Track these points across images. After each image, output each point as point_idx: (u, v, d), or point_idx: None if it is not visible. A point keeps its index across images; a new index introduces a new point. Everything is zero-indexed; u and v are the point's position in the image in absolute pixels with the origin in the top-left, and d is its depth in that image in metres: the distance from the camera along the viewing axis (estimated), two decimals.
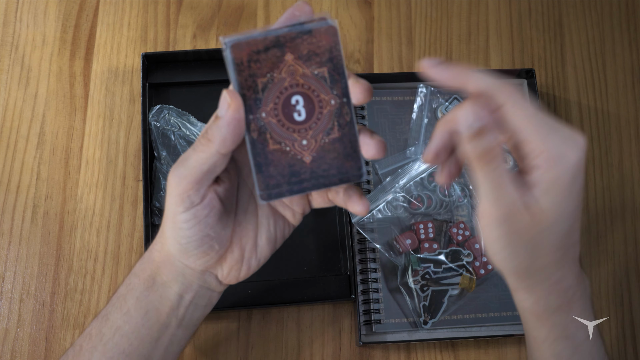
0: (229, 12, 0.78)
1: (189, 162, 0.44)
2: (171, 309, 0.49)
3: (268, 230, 0.50)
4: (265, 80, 0.42)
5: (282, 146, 0.43)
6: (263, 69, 0.42)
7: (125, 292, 0.50)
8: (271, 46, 0.41)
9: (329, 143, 0.44)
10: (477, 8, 0.80)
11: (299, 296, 0.67)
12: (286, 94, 0.42)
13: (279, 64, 0.42)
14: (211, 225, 0.46)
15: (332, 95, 0.43)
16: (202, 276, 0.49)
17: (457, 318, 0.68)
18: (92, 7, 0.77)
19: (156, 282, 0.49)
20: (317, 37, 0.42)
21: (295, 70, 0.42)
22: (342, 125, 0.44)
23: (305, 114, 0.43)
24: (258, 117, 0.42)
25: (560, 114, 0.77)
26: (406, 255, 0.68)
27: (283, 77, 0.42)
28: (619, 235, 0.73)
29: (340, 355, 0.68)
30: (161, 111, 0.71)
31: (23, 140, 0.72)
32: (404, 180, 0.70)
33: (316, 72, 0.42)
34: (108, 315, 0.50)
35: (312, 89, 0.43)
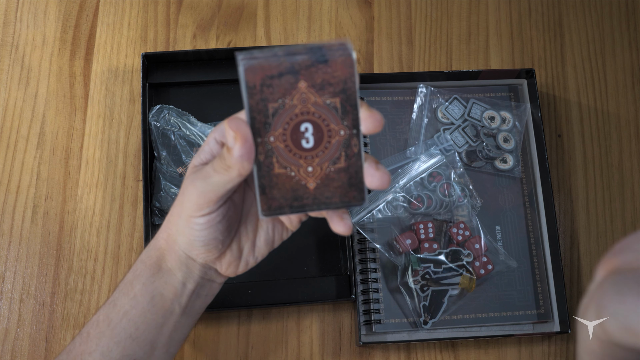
0: (229, 12, 0.78)
1: (212, 181, 0.45)
2: (175, 296, 0.51)
3: (267, 233, 0.52)
4: (277, 105, 0.42)
5: (287, 171, 0.43)
6: (275, 94, 0.41)
7: (132, 278, 0.52)
8: (285, 72, 0.41)
9: (334, 172, 0.44)
10: (477, 8, 0.80)
11: (299, 296, 0.67)
12: (296, 121, 0.42)
13: (291, 90, 0.41)
14: (221, 230, 0.48)
15: (342, 126, 0.43)
16: (202, 268, 0.51)
17: (457, 318, 0.68)
18: (92, 7, 0.77)
19: (162, 268, 0.51)
20: (332, 67, 0.41)
21: (307, 98, 0.42)
22: (349, 156, 0.44)
23: (314, 142, 0.43)
24: (266, 140, 0.42)
25: (560, 113, 0.77)
26: (406, 255, 0.68)
27: (294, 104, 0.42)
28: (618, 235, 0.73)
29: (340, 355, 0.68)
30: (161, 111, 0.71)
31: (23, 140, 0.72)
32: (404, 180, 0.70)
33: (328, 102, 0.42)
34: (115, 301, 0.52)
35: (322, 118, 0.42)
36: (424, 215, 0.70)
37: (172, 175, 0.70)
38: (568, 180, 0.74)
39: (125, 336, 0.51)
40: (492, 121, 0.73)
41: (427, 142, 0.72)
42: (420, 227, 0.69)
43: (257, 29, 0.78)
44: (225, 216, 0.48)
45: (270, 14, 0.78)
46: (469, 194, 0.70)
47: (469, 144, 0.72)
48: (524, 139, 0.74)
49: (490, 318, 0.68)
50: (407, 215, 0.70)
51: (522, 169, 0.73)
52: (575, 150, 0.75)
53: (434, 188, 0.70)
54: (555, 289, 0.69)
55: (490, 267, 0.68)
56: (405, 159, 0.72)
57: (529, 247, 0.71)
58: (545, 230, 0.71)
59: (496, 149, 0.72)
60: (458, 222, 0.69)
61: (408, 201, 0.70)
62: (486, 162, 0.72)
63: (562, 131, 0.76)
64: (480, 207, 0.71)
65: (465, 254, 0.68)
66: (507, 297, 0.69)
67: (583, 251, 0.72)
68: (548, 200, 0.71)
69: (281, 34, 0.78)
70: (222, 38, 0.77)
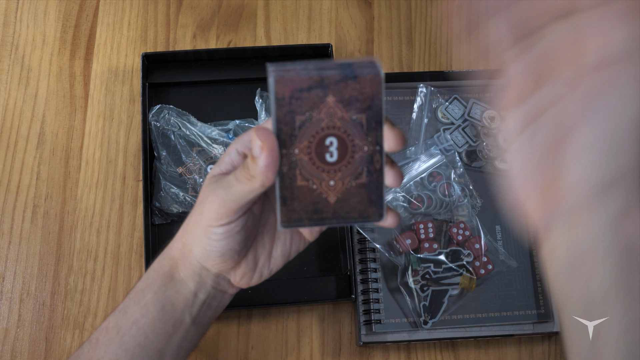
0: (229, 12, 0.78)
1: (234, 190, 0.45)
2: (186, 306, 0.51)
3: (284, 244, 0.52)
4: (304, 118, 0.42)
5: (309, 184, 0.44)
6: (303, 107, 0.42)
7: (143, 286, 0.52)
8: (315, 86, 0.41)
9: (355, 187, 0.44)
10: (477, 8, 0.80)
11: (299, 296, 0.67)
12: (322, 135, 0.43)
13: (319, 104, 0.42)
14: (239, 240, 0.48)
15: (366, 142, 0.43)
16: (216, 278, 0.51)
17: (457, 318, 0.68)
18: (92, 7, 0.77)
19: (174, 278, 0.51)
20: (361, 84, 0.42)
21: (334, 113, 0.42)
22: (371, 172, 0.44)
23: (337, 156, 0.43)
24: (291, 152, 0.43)
25: None
26: (406, 255, 0.68)
27: (321, 117, 0.42)
28: None
29: (340, 355, 0.68)
30: (161, 111, 0.71)
31: (23, 140, 0.72)
32: (404, 180, 0.70)
33: (354, 117, 0.42)
34: (126, 309, 0.51)
35: (347, 133, 0.43)
36: (424, 215, 0.70)
37: (172, 175, 0.70)
38: None
39: (134, 344, 0.50)
40: (492, 121, 0.73)
41: (427, 142, 0.72)
42: (420, 227, 0.69)
43: (257, 29, 0.78)
44: (244, 227, 0.48)
45: (270, 14, 0.78)
46: (469, 194, 0.70)
47: (469, 144, 0.72)
48: None
49: (490, 318, 0.68)
50: (407, 215, 0.70)
51: None
52: None
53: (434, 188, 0.70)
54: None
55: (490, 267, 0.68)
56: (405, 159, 0.72)
57: (529, 247, 0.71)
58: None
59: (496, 149, 0.72)
60: (458, 222, 0.69)
61: (408, 201, 0.70)
62: (486, 162, 0.72)
63: None
64: (480, 207, 0.71)
65: (465, 254, 0.68)
66: (507, 297, 0.69)
67: None
68: None
69: (281, 34, 0.78)
70: (222, 38, 0.77)
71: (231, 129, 0.71)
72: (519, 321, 0.68)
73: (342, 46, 0.77)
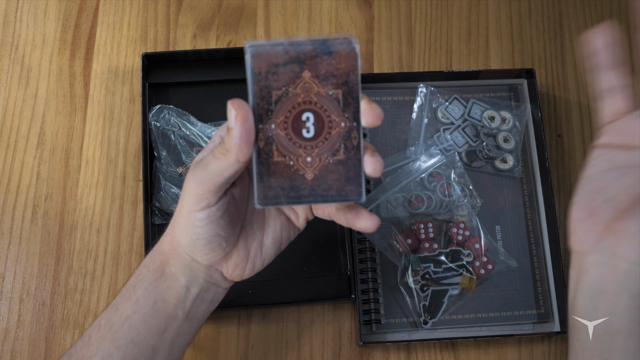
0: (229, 12, 0.78)
1: (210, 168, 0.45)
2: (178, 301, 0.51)
3: (274, 232, 0.51)
4: (280, 93, 0.42)
5: (286, 160, 0.43)
6: (279, 82, 0.42)
7: (134, 282, 0.51)
8: (290, 61, 0.41)
9: (332, 164, 0.44)
10: (477, 8, 0.80)
11: (299, 296, 0.67)
12: (298, 110, 0.43)
13: (295, 79, 0.42)
14: (223, 226, 0.48)
15: (343, 118, 0.43)
16: (207, 271, 0.51)
17: (457, 318, 0.68)
18: (92, 7, 0.77)
19: (165, 273, 0.51)
20: (336, 59, 0.42)
21: (310, 88, 0.42)
22: (349, 149, 0.44)
23: (314, 132, 0.43)
24: (267, 127, 0.43)
25: (560, 114, 0.77)
26: (406, 255, 0.68)
27: (297, 92, 0.42)
28: None
29: (340, 355, 0.68)
30: (161, 111, 0.71)
31: (23, 140, 0.72)
32: (404, 180, 0.70)
33: (331, 93, 0.42)
34: (117, 305, 0.51)
35: (324, 109, 0.43)
36: (424, 215, 0.70)
37: (172, 175, 0.70)
38: (568, 180, 0.74)
39: (127, 341, 0.50)
40: (492, 121, 0.73)
41: (427, 142, 0.72)
42: (420, 227, 0.69)
43: (257, 29, 0.78)
44: (226, 211, 0.47)
45: (270, 14, 0.78)
46: (469, 194, 0.70)
47: (469, 144, 0.72)
48: (524, 139, 0.74)
49: (490, 318, 0.68)
50: (407, 215, 0.70)
51: (522, 169, 0.73)
52: (575, 150, 0.75)
53: (434, 188, 0.70)
54: (555, 289, 0.69)
55: (490, 267, 0.68)
56: (405, 159, 0.72)
57: (529, 247, 0.71)
58: (545, 230, 0.71)
59: (496, 149, 0.72)
60: (458, 222, 0.69)
61: (408, 201, 0.70)
62: (486, 162, 0.72)
63: (562, 131, 0.76)
64: (480, 207, 0.71)
65: (465, 254, 0.68)
66: (507, 297, 0.69)
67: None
68: (548, 200, 0.71)
69: (281, 34, 0.78)
70: (222, 38, 0.77)
71: None
72: (519, 321, 0.68)
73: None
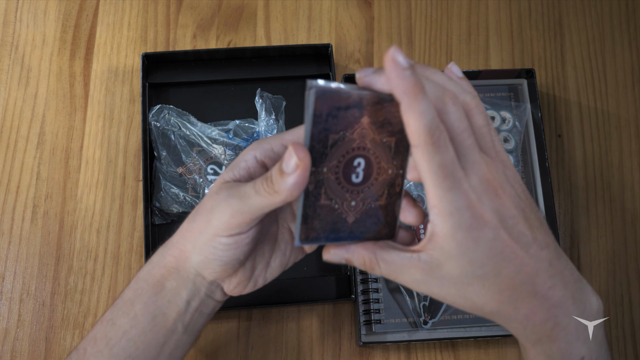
0: (229, 12, 0.78)
1: (251, 202, 0.44)
2: (178, 315, 0.50)
3: (283, 255, 0.51)
4: (337, 137, 0.41)
5: (332, 203, 0.43)
6: (338, 126, 0.41)
7: (132, 296, 0.50)
8: (352, 106, 0.40)
9: (373, 208, 0.44)
10: (477, 8, 0.80)
11: (299, 296, 0.67)
12: (351, 155, 0.42)
13: (354, 124, 0.41)
14: (245, 251, 0.48)
15: (392, 165, 0.43)
16: (210, 286, 0.50)
17: (457, 318, 0.68)
18: (92, 7, 0.77)
19: (165, 287, 0.49)
20: (395, 107, 0.41)
21: (367, 134, 0.41)
22: (391, 195, 0.44)
23: (362, 177, 0.43)
24: (320, 170, 0.42)
25: (560, 114, 0.77)
26: None
27: (354, 138, 0.41)
28: (619, 235, 0.73)
29: (340, 355, 0.68)
30: (161, 111, 0.71)
31: (23, 140, 0.72)
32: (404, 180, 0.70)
33: (384, 140, 0.42)
34: (114, 319, 0.50)
35: (375, 155, 0.42)
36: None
37: (172, 175, 0.70)
38: (568, 180, 0.74)
39: (125, 356, 0.49)
40: (492, 121, 0.73)
41: None
42: (420, 227, 0.69)
43: (257, 29, 0.78)
44: (253, 239, 0.47)
45: (270, 14, 0.78)
46: None
47: None
48: (524, 139, 0.74)
49: None
50: None
51: (522, 169, 0.73)
52: (575, 150, 0.75)
53: None
54: None
55: None
56: None
57: None
58: None
59: None
60: None
61: None
62: None
63: (562, 131, 0.76)
64: None
65: None
66: None
67: (583, 251, 0.72)
68: (548, 200, 0.71)
69: (281, 34, 0.78)
70: (222, 38, 0.77)
71: (231, 129, 0.71)
72: None
73: (342, 46, 0.78)
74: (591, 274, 0.71)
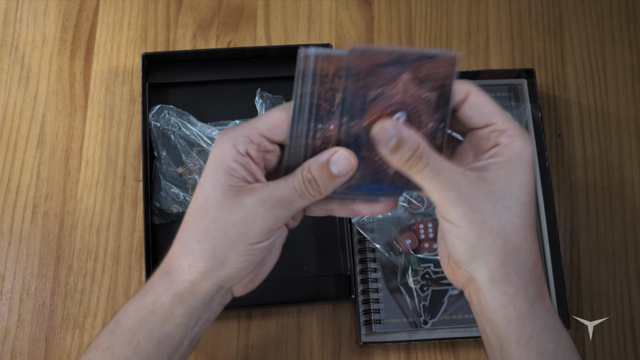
0: (229, 12, 0.78)
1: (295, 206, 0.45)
2: (186, 332, 0.48)
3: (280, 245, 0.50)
4: (377, 93, 0.43)
5: (372, 155, 0.44)
6: (378, 82, 0.42)
7: (134, 327, 0.47)
8: (393, 63, 0.42)
9: None
10: (477, 8, 0.80)
11: (299, 296, 0.67)
12: (391, 110, 0.43)
13: (394, 80, 0.42)
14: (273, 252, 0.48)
15: (432, 119, 0.44)
16: (224, 294, 0.49)
17: (457, 318, 0.68)
18: (92, 7, 0.77)
19: (174, 314, 0.47)
20: (436, 64, 0.43)
21: (407, 89, 0.43)
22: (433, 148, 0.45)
23: None
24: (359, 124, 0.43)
25: (560, 114, 0.77)
26: (406, 255, 0.68)
27: (394, 93, 0.43)
28: (619, 235, 0.73)
29: (340, 355, 0.68)
30: (161, 111, 0.71)
31: (23, 140, 0.72)
32: None
33: (425, 95, 0.43)
34: (112, 348, 0.47)
35: (416, 110, 0.44)
36: (424, 215, 0.70)
37: (172, 175, 0.70)
38: (568, 180, 0.74)
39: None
40: None
41: None
42: (420, 227, 0.69)
43: (257, 29, 0.78)
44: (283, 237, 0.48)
45: (270, 14, 0.78)
46: None
47: None
48: None
49: None
50: (407, 215, 0.70)
51: None
52: (575, 150, 0.75)
53: None
54: (555, 289, 0.69)
55: None
56: None
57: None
58: (545, 230, 0.71)
59: None
60: None
61: (408, 201, 0.70)
62: None
63: (562, 131, 0.76)
64: None
65: None
66: None
67: (583, 251, 0.72)
68: (548, 200, 0.71)
69: (281, 34, 0.78)
70: (222, 38, 0.77)
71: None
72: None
73: (342, 46, 0.78)
74: (591, 274, 0.71)
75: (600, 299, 0.71)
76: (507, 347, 0.46)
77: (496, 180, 0.43)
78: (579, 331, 0.70)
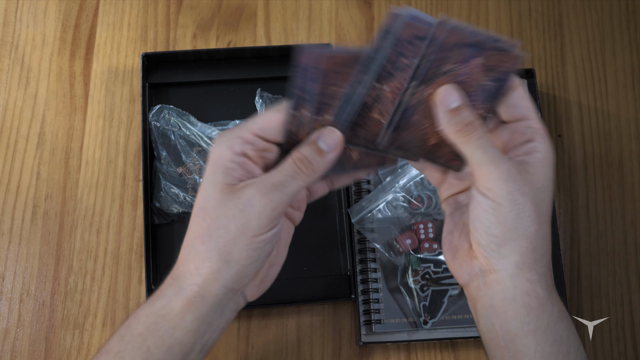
0: (229, 12, 0.78)
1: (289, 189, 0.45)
2: (197, 338, 0.47)
3: (286, 244, 0.51)
4: (449, 68, 0.44)
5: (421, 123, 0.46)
6: (455, 58, 0.44)
7: (144, 332, 0.47)
8: (473, 45, 0.44)
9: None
10: (477, 8, 0.80)
11: (299, 296, 0.67)
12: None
13: (467, 61, 0.44)
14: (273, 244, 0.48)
15: (482, 108, 0.45)
16: (236, 298, 0.48)
17: (457, 318, 0.68)
18: (92, 7, 0.77)
19: (185, 319, 0.46)
20: (505, 57, 0.44)
21: (473, 73, 0.45)
22: None
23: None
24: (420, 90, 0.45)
25: (560, 114, 0.77)
26: (406, 255, 0.68)
27: (462, 73, 0.45)
28: (619, 235, 0.73)
29: (340, 355, 0.68)
30: (161, 111, 0.71)
31: (23, 140, 0.72)
32: (404, 180, 0.70)
33: (485, 83, 0.45)
34: (122, 353, 0.47)
35: (474, 93, 0.45)
36: (424, 215, 0.70)
37: (172, 175, 0.70)
38: (568, 180, 0.74)
39: None
40: None
41: None
42: (420, 227, 0.69)
43: (257, 29, 0.78)
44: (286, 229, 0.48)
45: (270, 14, 0.78)
46: None
47: None
48: None
49: None
50: (407, 215, 0.70)
51: None
52: (575, 150, 0.75)
53: (434, 188, 0.70)
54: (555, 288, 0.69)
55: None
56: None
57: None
58: None
59: None
60: None
61: (408, 201, 0.70)
62: None
63: (562, 131, 0.76)
64: None
65: None
66: None
67: (583, 251, 0.72)
68: None
69: (281, 34, 0.78)
70: (222, 38, 0.77)
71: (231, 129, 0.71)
72: None
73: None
74: (591, 274, 0.71)
75: (600, 299, 0.71)
76: (520, 340, 0.46)
77: (537, 172, 0.45)
78: (579, 331, 0.69)
